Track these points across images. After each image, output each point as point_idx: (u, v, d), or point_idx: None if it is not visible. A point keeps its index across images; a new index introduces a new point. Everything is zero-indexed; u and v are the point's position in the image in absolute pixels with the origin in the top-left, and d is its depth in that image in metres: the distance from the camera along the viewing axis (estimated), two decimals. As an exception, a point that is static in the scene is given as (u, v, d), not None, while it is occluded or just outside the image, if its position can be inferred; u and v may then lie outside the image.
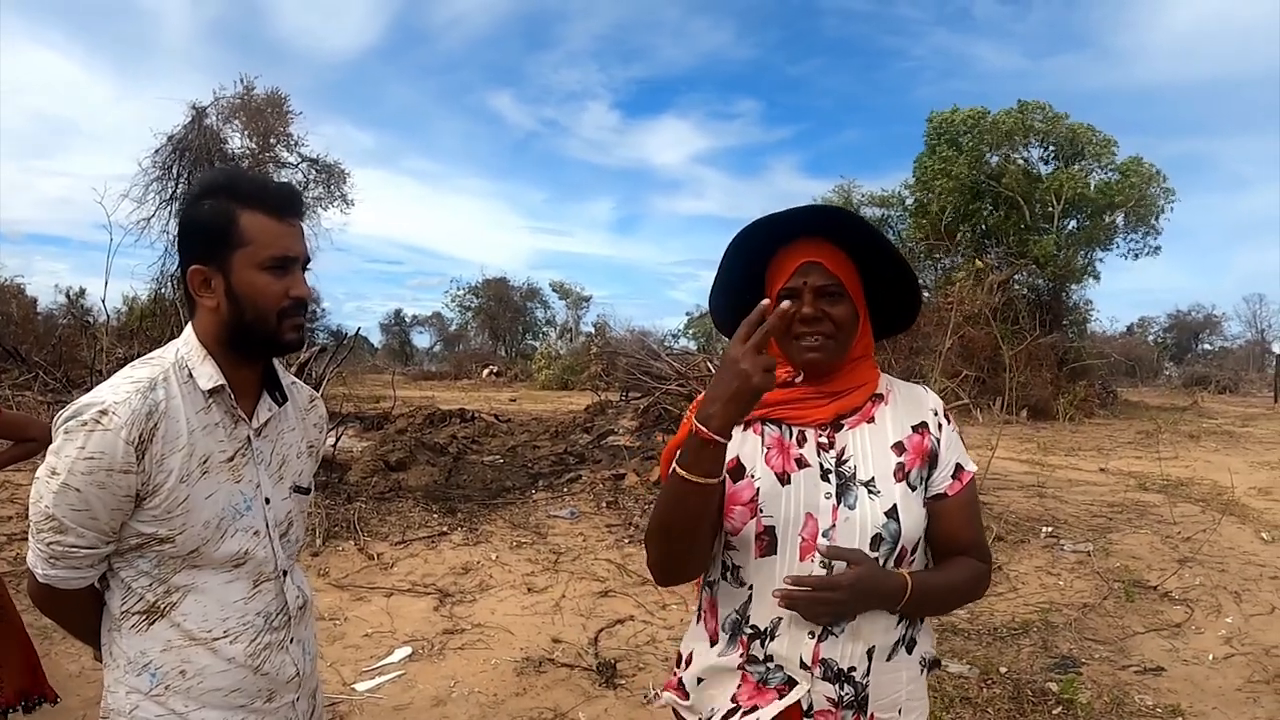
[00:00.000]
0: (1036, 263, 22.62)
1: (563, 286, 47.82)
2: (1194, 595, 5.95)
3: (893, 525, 1.57)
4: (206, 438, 1.61)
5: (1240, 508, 8.81)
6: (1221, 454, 13.56)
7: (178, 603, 1.62)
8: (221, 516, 1.62)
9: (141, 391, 1.53)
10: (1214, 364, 43.90)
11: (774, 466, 1.62)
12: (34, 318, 20.68)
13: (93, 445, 1.48)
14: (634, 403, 14.80)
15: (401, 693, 4.34)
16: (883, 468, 1.62)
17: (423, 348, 53.95)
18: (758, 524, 1.58)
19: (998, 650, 4.93)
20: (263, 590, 1.70)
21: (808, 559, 1.55)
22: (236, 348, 1.64)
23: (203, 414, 1.62)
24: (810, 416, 1.64)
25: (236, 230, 1.58)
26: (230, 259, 1.59)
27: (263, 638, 1.70)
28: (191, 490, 1.58)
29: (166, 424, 1.55)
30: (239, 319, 1.61)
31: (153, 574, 1.61)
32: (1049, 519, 8.05)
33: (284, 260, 1.62)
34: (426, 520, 7.60)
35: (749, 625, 1.60)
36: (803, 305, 1.59)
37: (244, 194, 1.61)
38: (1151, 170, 23.76)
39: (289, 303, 1.63)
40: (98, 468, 1.48)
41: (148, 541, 1.58)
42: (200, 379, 1.61)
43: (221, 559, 1.63)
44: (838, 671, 1.56)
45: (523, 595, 5.86)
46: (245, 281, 1.59)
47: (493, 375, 36.38)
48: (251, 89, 19.29)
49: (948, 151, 23.62)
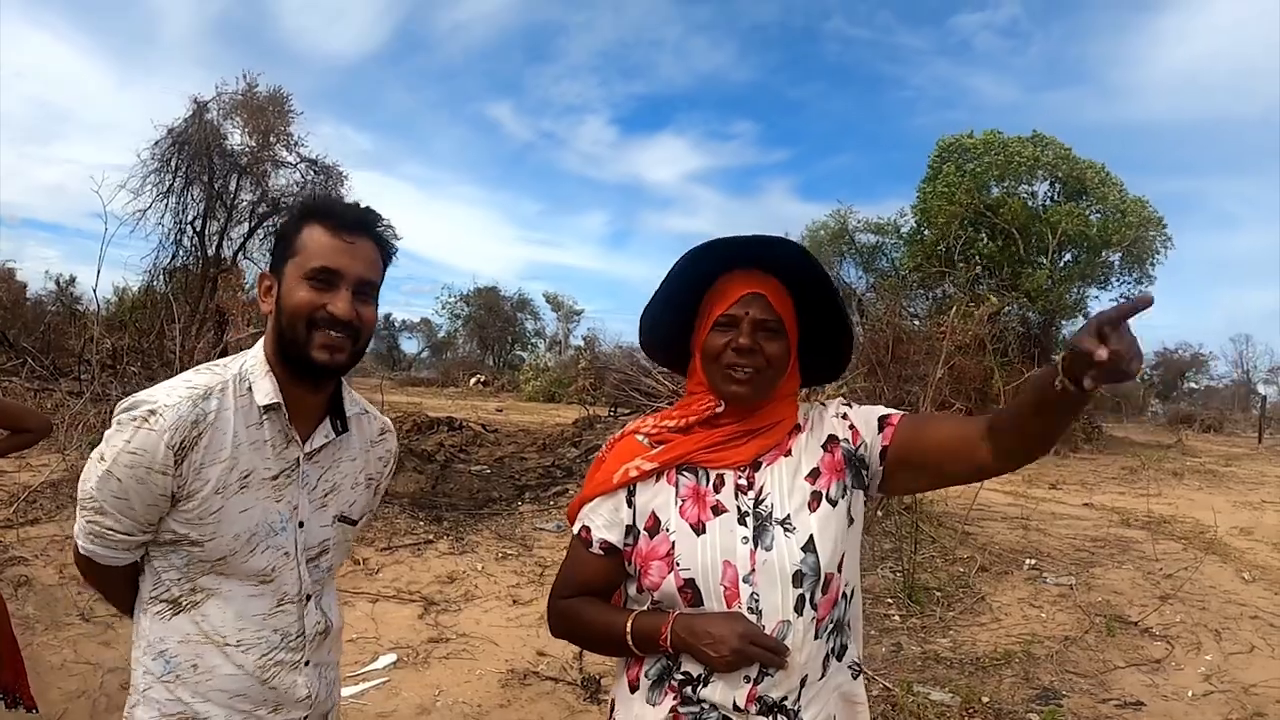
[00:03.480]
0: (1028, 296, 22.69)
1: (555, 298, 47.91)
2: (1174, 632, 5.98)
3: (810, 559, 1.55)
4: (253, 453, 1.63)
5: (1222, 547, 8.84)
6: (1205, 493, 13.62)
7: (200, 603, 1.66)
8: (254, 532, 1.64)
9: (194, 399, 1.57)
10: (1199, 403, 44.13)
11: (689, 517, 1.60)
12: (23, 303, 20.63)
13: (137, 441, 1.52)
14: (623, 418, 14.79)
15: (386, 700, 4.34)
16: (797, 501, 1.61)
17: (410, 353, 53.88)
18: (676, 578, 1.56)
19: (980, 680, 4.95)
20: (285, 610, 1.72)
21: (734, 606, 1.53)
22: (283, 361, 1.65)
23: (254, 429, 1.63)
24: (730, 459, 1.63)
25: (296, 240, 1.62)
26: (284, 267, 1.63)
27: (275, 654, 1.71)
28: (226, 502, 1.60)
29: (212, 434, 1.57)
30: (279, 328, 1.63)
31: (182, 570, 1.65)
32: (1032, 551, 8.08)
33: (326, 273, 1.60)
34: (413, 527, 7.60)
35: (680, 672, 1.57)
36: (739, 336, 1.58)
37: (314, 209, 1.65)
38: (1153, 215, 23.88)
39: (322, 315, 1.59)
40: (139, 463, 1.52)
41: (180, 540, 1.62)
42: (258, 394, 1.63)
43: (248, 572, 1.66)
44: (771, 705, 1.53)
45: (508, 606, 5.86)
46: (289, 290, 1.61)
47: (480, 384, 36.27)
48: (254, 86, 19.25)
49: (953, 176, 23.68)
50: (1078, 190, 24.22)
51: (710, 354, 1.62)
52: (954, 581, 6.88)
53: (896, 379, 14.36)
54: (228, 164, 18.87)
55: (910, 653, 5.37)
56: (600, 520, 1.66)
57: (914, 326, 16.61)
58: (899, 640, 5.59)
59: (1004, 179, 23.92)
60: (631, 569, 1.65)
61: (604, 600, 1.70)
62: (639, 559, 1.62)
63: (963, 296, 15.21)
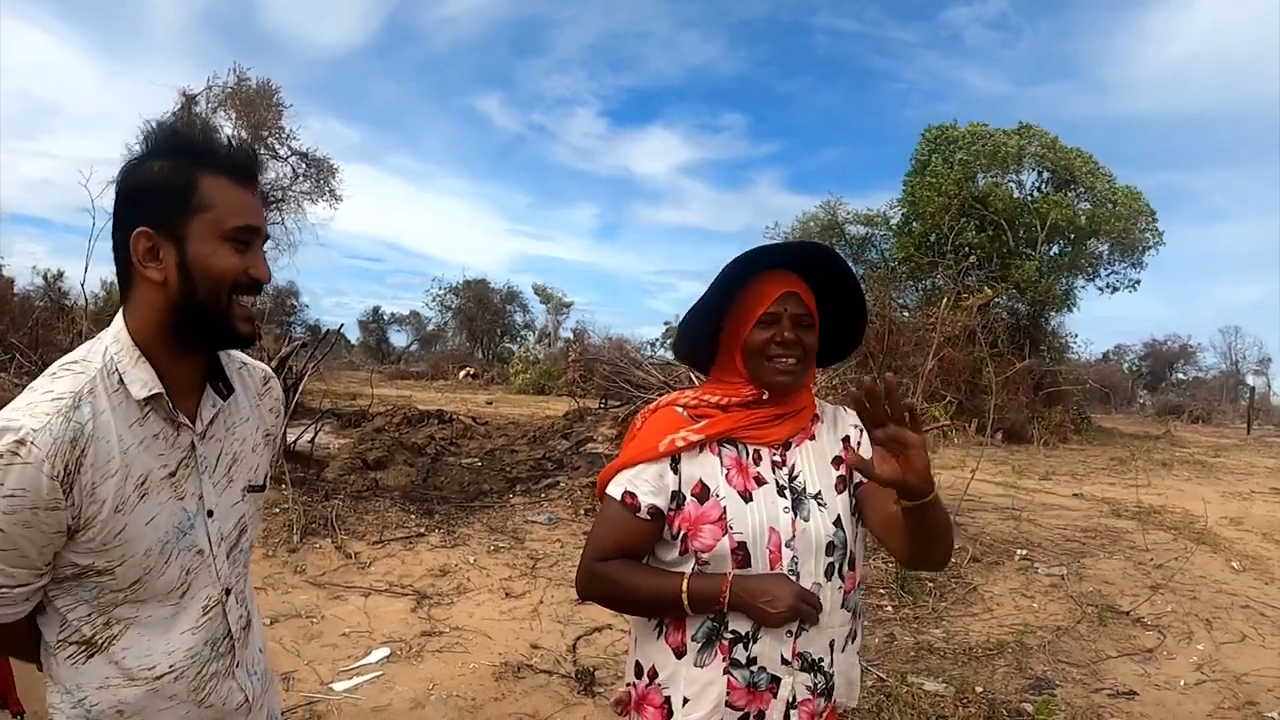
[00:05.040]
0: (1017, 287, 22.76)
1: (545, 290, 47.85)
2: (1166, 622, 6.00)
3: (840, 534, 1.74)
4: (144, 454, 1.42)
5: (1212, 537, 8.89)
6: (1194, 483, 13.69)
7: (118, 635, 1.45)
8: (165, 540, 1.45)
9: (64, 413, 1.33)
10: (1188, 394, 44.34)
11: (736, 485, 1.73)
12: (11, 299, 20.49)
13: (12, 481, 1.28)
14: (613, 411, 14.79)
15: (379, 694, 4.32)
16: (826, 481, 1.79)
17: (399, 346, 53.80)
18: (730, 540, 1.68)
19: (973, 670, 4.95)
20: (211, 616, 1.54)
21: (777, 567, 1.68)
22: (180, 334, 1.44)
23: (137, 427, 1.42)
24: (767, 437, 1.79)
25: (197, 194, 1.39)
26: (186, 226, 1.39)
27: (208, 668, 1.54)
28: (129, 518, 1.39)
29: (95, 447, 1.35)
30: (189, 296, 1.40)
31: (92, 603, 1.44)
32: (1023, 542, 8.10)
33: (250, 232, 1.43)
34: (404, 521, 7.58)
35: (729, 631, 1.68)
36: (783, 329, 1.74)
37: (205, 155, 1.42)
38: (1144, 205, 23.95)
39: (246, 280, 1.43)
40: (21, 506, 1.29)
41: (84, 572, 1.40)
42: (132, 386, 1.41)
43: (165, 588, 1.47)
44: (812, 662, 1.69)
45: (500, 600, 5.85)
46: (203, 252, 1.40)
47: (469, 377, 36.28)
48: (244, 79, 19.19)
49: (940, 167, 23.70)
50: (1066, 180, 24.29)
51: (755, 349, 1.75)
52: (946, 572, 6.88)
53: (887, 370, 14.34)
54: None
55: (903, 643, 5.37)
56: (647, 487, 1.74)
57: (904, 318, 16.64)
58: (892, 631, 5.59)
59: (991, 169, 23.97)
60: (673, 533, 1.74)
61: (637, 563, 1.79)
62: (686, 523, 1.72)
63: (952, 288, 15.23)
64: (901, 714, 4.22)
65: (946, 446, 14.23)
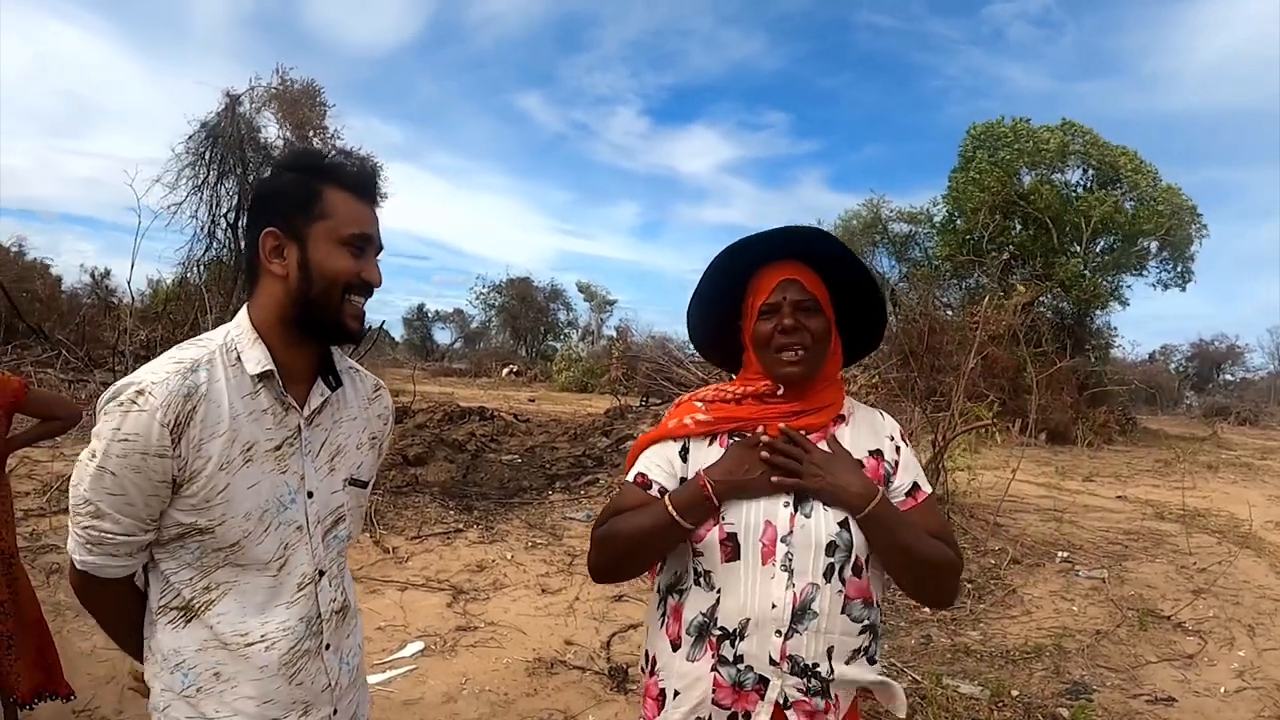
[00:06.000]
0: (1062, 285, 22.47)
1: (589, 288, 47.80)
2: (1207, 627, 5.91)
3: (845, 535, 1.66)
4: (252, 424, 1.53)
5: (1257, 541, 8.73)
6: (1240, 486, 13.44)
7: (215, 600, 1.55)
8: (265, 509, 1.54)
9: (182, 373, 1.47)
10: (1235, 395, 43.44)
11: None
12: (59, 296, 20.88)
13: (128, 426, 1.42)
14: (654, 408, 14.80)
15: (413, 687, 4.37)
16: None
17: (443, 344, 54.09)
18: (720, 530, 1.66)
19: (1009, 673, 4.91)
20: (305, 594, 1.62)
21: (769, 563, 1.64)
22: (296, 325, 1.57)
23: (249, 399, 1.54)
24: (777, 430, 1.74)
25: (320, 203, 1.55)
26: (309, 230, 1.55)
27: (301, 645, 1.62)
28: (232, 479, 1.50)
29: (206, 407, 1.47)
30: (306, 292, 1.54)
31: (194, 566, 1.54)
32: (1065, 544, 8.02)
33: (364, 240, 1.58)
34: (443, 516, 7.65)
35: (717, 627, 1.67)
36: (783, 318, 1.72)
37: (329, 171, 1.58)
38: (1186, 202, 23.58)
39: (358, 281, 1.58)
40: (132, 450, 1.42)
41: (188, 531, 1.51)
42: (248, 363, 1.54)
43: (264, 556, 1.56)
44: (805, 667, 1.64)
45: (536, 596, 5.89)
46: (321, 254, 1.54)
47: (512, 374, 36.41)
48: (288, 79, 19.37)
49: (984, 164, 23.47)
50: (1111, 178, 23.94)
51: (760, 341, 1.75)
52: (985, 574, 6.84)
53: (930, 369, 14.27)
54: (261, 157, 18.97)
55: (940, 645, 5.34)
56: (659, 470, 1.77)
57: (947, 316, 16.49)
58: (929, 632, 5.56)
59: (1035, 167, 23.69)
60: None
61: None
62: None
63: (995, 286, 15.08)
64: (936, 716, 4.21)
65: (989, 447, 14.10)
